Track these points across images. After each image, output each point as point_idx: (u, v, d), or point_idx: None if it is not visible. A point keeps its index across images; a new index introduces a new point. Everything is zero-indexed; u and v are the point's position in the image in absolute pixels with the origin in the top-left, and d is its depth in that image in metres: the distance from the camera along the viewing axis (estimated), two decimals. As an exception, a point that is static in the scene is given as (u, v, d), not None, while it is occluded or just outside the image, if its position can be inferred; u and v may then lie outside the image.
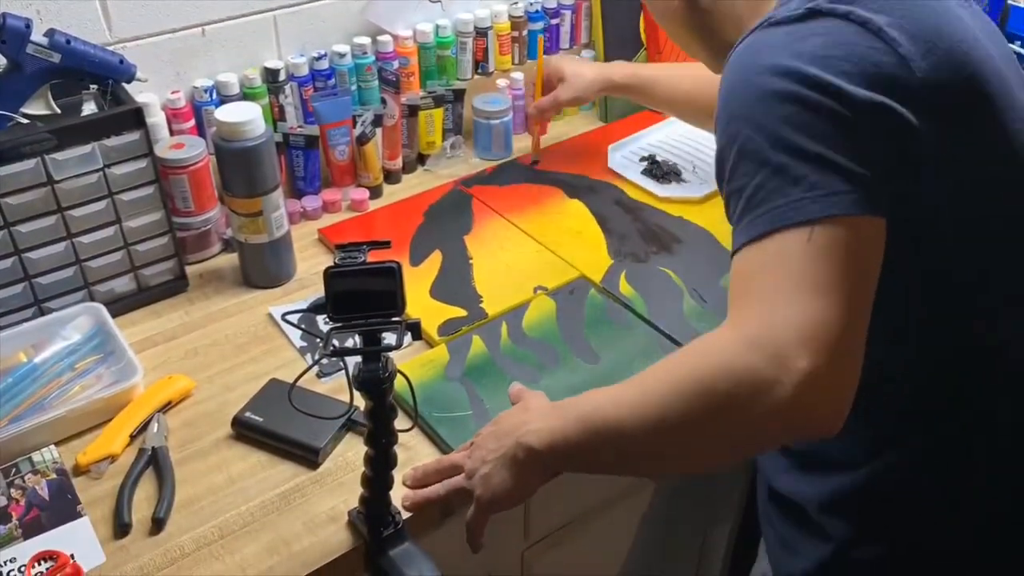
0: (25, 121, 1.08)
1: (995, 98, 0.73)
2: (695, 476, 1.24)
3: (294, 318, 1.06)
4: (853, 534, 0.82)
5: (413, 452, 0.95)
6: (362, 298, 0.74)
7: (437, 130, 1.48)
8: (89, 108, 1.12)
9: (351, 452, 0.96)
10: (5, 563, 0.83)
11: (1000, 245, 0.75)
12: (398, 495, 0.86)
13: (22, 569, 0.82)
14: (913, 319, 0.75)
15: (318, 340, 1.09)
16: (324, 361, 1.07)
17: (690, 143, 1.52)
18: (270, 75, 1.33)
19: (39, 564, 0.83)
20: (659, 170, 1.43)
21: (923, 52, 0.69)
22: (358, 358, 0.76)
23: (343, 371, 1.03)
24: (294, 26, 1.36)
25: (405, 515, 0.86)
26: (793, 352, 0.63)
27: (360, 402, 0.78)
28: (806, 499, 0.85)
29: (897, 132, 0.67)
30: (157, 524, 0.87)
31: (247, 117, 1.09)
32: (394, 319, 0.74)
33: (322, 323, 1.09)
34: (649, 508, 1.23)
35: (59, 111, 1.10)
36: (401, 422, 0.83)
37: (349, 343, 0.76)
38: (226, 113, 1.10)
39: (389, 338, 0.74)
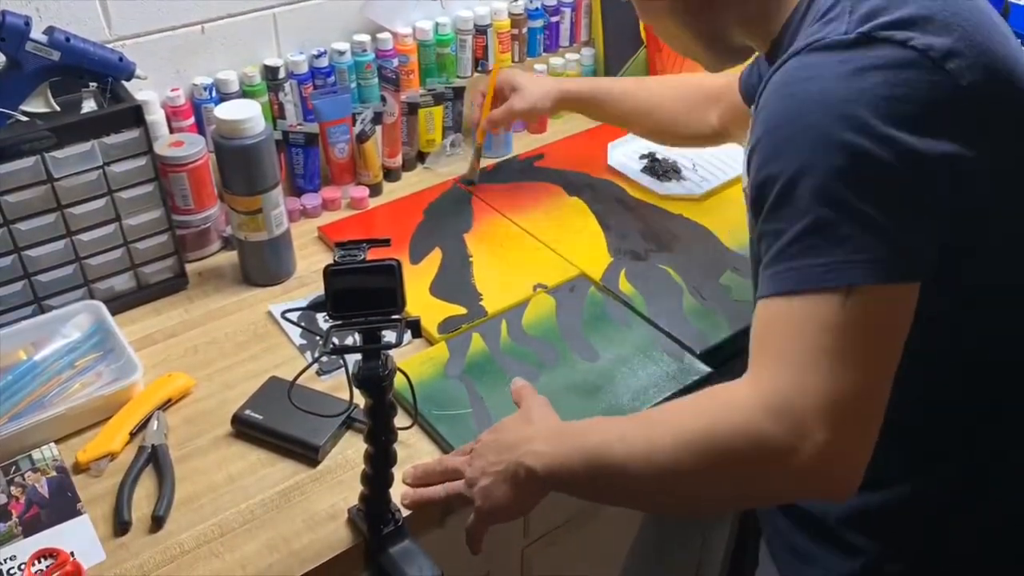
0: (24, 119, 1.07)
1: None
2: None
3: (294, 316, 1.06)
4: (882, 549, 0.80)
5: (413, 450, 0.95)
6: (362, 296, 0.74)
7: (437, 128, 1.47)
8: (88, 106, 1.12)
9: (351, 450, 0.96)
10: (5, 560, 0.83)
11: None
12: (398, 493, 0.86)
13: (22, 567, 0.82)
14: (957, 360, 0.74)
15: (318, 338, 1.09)
16: (324, 359, 1.07)
17: (690, 141, 1.52)
18: (270, 73, 1.33)
19: (39, 562, 0.83)
20: (659, 168, 1.43)
21: (984, 80, 0.65)
22: (358, 356, 0.76)
23: (343, 369, 1.03)
24: (293, 24, 1.36)
25: (405, 513, 0.86)
26: (813, 423, 0.62)
27: (360, 400, 0.78)
28: (825, 512, 0.83)
29: (958, 177, 0.64)
30: (157, 522, 0.87)
31: (247, 115, 1.09)
32: (394, 317, 0.74)
33: (322, 321, 1.09)
34: (644, 514, 1.23)
35: (58, 109, 1.09)
36: (401, 420, 0.83)
37: (349, 341, 0.76)
38: (226, 111, 1.10)
39: (389, 336, 0.74)
